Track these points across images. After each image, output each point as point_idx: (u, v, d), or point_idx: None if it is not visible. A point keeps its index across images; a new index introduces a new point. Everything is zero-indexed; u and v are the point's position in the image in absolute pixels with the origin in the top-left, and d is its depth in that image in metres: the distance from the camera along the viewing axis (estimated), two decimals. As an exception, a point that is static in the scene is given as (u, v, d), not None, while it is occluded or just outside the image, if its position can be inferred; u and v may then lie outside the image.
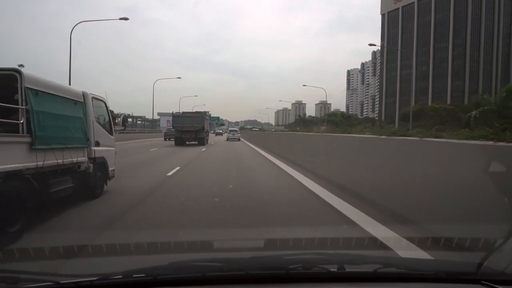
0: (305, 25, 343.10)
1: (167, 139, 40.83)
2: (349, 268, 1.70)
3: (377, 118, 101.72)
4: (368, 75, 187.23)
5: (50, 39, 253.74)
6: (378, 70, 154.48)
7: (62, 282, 1.53)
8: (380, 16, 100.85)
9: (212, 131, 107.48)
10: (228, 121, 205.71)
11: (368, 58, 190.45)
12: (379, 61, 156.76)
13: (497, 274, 1.67)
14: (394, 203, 5.30)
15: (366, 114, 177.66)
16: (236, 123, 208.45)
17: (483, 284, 1.58)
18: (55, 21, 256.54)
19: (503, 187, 3.72)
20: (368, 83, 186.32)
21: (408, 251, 3.53)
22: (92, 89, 6.55)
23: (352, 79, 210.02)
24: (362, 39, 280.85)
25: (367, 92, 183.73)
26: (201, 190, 7.76)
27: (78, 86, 6.50)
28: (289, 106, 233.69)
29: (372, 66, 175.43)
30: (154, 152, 20.19)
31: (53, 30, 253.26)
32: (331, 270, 1.66)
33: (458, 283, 1.64)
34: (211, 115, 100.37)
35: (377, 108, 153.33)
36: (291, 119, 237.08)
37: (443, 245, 3.50)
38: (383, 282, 1.65)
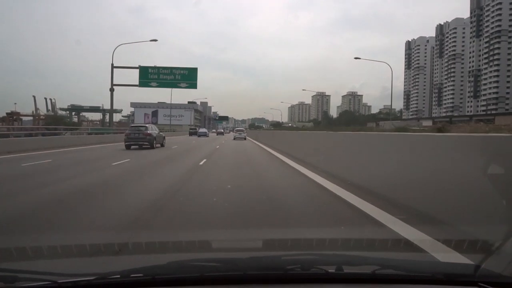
0: (313, 22, 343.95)
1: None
2: (347, 269, 1.71)
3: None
4: (453, 42, 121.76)
5: (55, 39, 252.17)
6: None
7: (60, 281, 1.53)
8: None
9: (213, 130, 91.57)
10: (235, 119, 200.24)
11: (453, 16, 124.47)
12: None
13: (495, 276, 1.67)
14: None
15: (453, 102, 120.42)
16: (243, 121, 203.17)
17: (480, 286, 1.59)
18: (61, 21, 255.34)
19: (501, 188, 3.73)
20: (454, 54, 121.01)
21: (406, 252, 3.54)
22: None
23: (417, 54, 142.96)
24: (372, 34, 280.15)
25: (453, 67, 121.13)
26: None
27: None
28: (306, 100, 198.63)
29: (474, 22, 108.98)
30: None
31: (59, 30, 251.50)
32: (329, 271, 1.67)
33: (456, 285, 1.64)
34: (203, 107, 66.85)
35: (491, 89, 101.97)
36: (312, 115, 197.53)
37: (441, 247, 3.51)
38: (381, 284, 1.66)
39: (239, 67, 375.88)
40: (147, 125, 23.99)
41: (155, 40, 37.93)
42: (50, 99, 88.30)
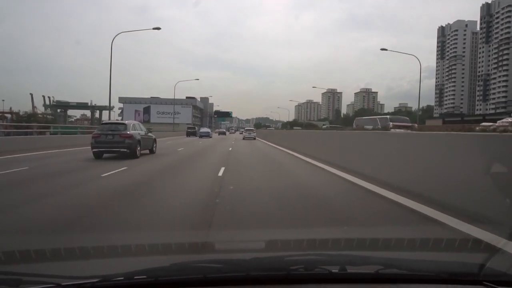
0: (317, 22, 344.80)
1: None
2: (350, 269, 1.71)
3: None
4: (506, 23, 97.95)
5: (62, 38, 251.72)
6: None
7: (63, 284, 1.53)
8: None
9: (216, 130, 72.75)
10: (239, 119, 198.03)
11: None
12: None
13: (499, 275, 1.67)
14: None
15: (506, 95, 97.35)
16: (247, 121, 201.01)
17: (485, 285, 1.58)
18: (66, 20, 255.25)
19: (505, 188, 3.71)
20: (508, 37, 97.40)
21: (410, 252, 3.52)
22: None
23: (454, 40, 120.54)
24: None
25: (506, 53, 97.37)
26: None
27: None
28: (314, 99, 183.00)
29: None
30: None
31: (66, 29, 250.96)
32: (333, 271, 1.67)
33: (460, 284, 1.64)
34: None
35: None
36: (322, 114, 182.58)
37: (445, 246, 3.49)
38: (385, 283, 1.65)
39: (243, 67, 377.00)
40: (126, 122, 15.31)
41: (158, 28, 30.93)
42: (49, 97, 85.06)
